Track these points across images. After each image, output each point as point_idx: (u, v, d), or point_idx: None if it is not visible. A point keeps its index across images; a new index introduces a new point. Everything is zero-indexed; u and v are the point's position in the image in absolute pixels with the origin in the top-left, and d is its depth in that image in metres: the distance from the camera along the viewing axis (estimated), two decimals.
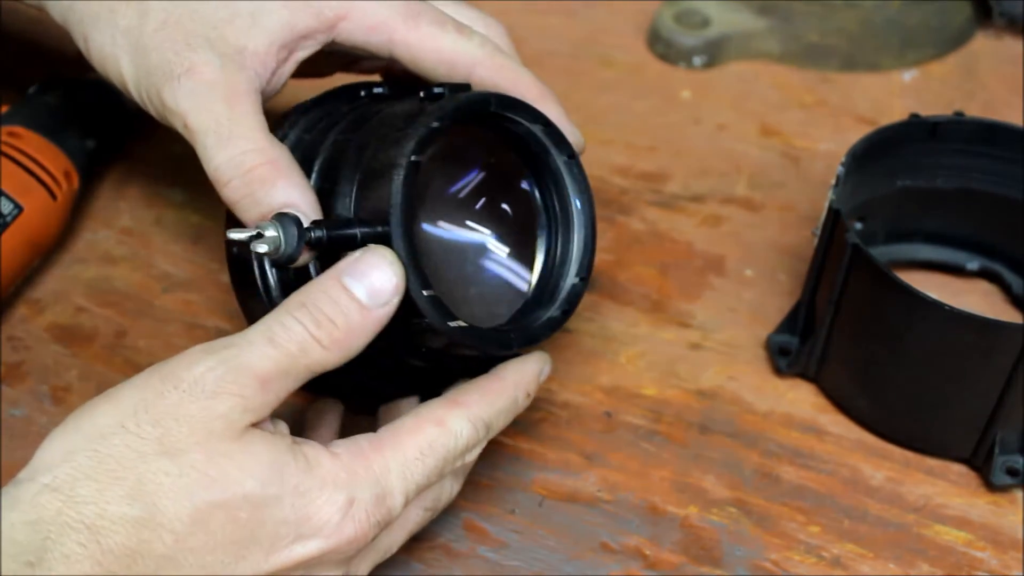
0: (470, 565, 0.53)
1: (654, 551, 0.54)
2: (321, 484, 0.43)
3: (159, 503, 0.40)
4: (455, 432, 0.47)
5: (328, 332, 0.44)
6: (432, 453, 0.46)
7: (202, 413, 0.41)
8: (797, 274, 0.66)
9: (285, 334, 0.43)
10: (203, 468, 0.41)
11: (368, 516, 0.44)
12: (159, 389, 0.42)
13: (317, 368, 0.44)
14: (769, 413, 0.60)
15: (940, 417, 0.57)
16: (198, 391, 0.42)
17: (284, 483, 0.42)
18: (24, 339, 0.61)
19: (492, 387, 0.49)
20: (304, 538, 0.43)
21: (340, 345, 0.44)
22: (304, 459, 0.43)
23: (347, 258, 0.45)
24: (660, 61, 0.81)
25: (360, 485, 0.44)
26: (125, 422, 0.41)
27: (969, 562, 0.55)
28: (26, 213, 0.60)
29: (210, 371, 0.42)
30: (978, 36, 0.84)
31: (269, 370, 0.43)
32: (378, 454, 0.45)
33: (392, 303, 0.45)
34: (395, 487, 0.45)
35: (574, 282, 0.52)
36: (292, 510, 0.43)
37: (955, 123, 0.61)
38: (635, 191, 0.72)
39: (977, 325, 0.53)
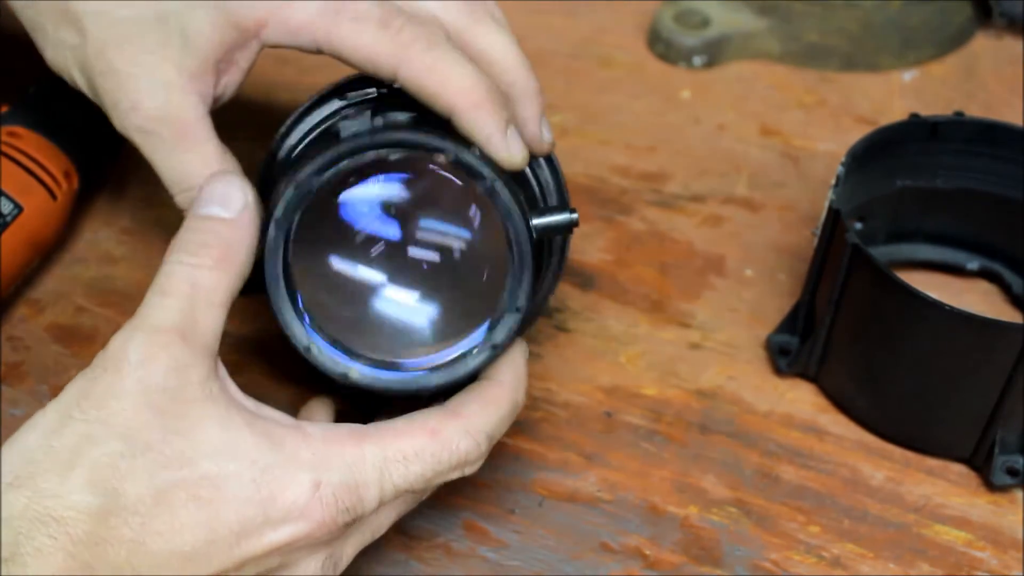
0: (470, 565, 0.53)
1: (654, 551, 0.54)
2: (285, 461, 0.43)
3: (119, 487, 0.40)
4: (450, 444, 0.46)
5: (206, 253, 0.44)
6: (418, 460, 0.45)
7: (137, 386, 0.42)
8: (797, 274, 0.66)
9: (170, 280, 0.44)
10: (157, 447, 0.41)
11: (336, 500, 0.43)
12: (91, 375, 0.42)
13: (220, 293, 0.44)
14: (769, 413, 0.60)
15: (940, 417, 0.58)
16: (124, 365, 0.42)
17: (240, 458, 0.42)
18: (24, 339, 0.61)
19: (493, 395, 0.48)
20: (274, 522, 0.42)
21: (225, 261, 0.45)
22: (266, 434, 0.43)
23: (195, 198, 0.47)
24: (660, 61, 0.81)
25: (329, 468, 0.43)
26: (71, 411, 0.41)
27: (969, 562, 0.55)
28: (26, 213, 0.60)
29: (126, 342, 0.42)
30: (978, 36, 0.84)
31: (177, 320, 0.43)
32: (355, 443, 0.44)
33: (249, 202, 0.46)
34: (370, 480, 0.44)
35: (508, 313, 0.48)
36: (255, 487, 0.42)
37: (955, 123, 0.61)
38: (635, 191, 0.72)
39: (977, 325, 0.53)
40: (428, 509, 0.55)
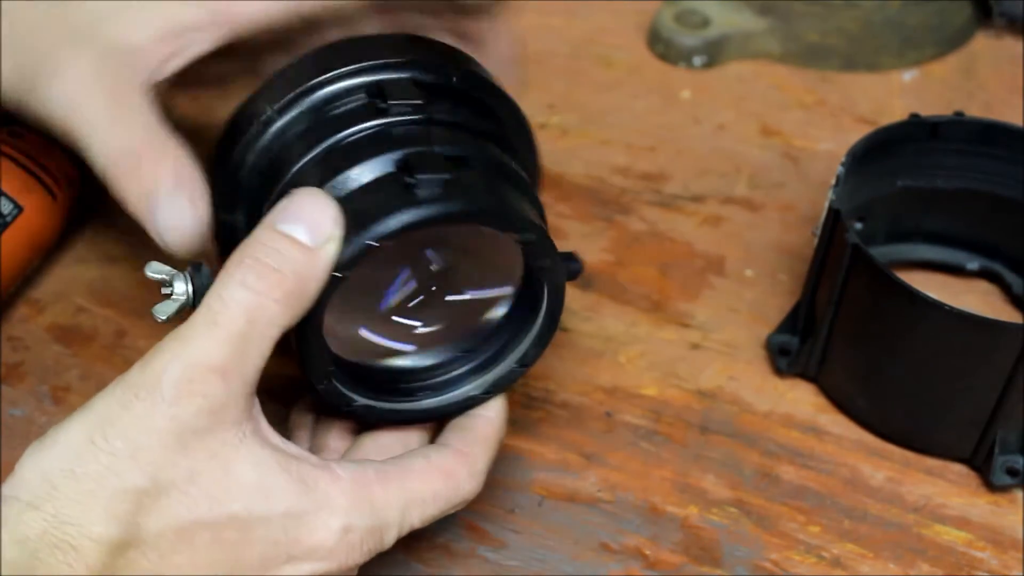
0: (470, 565, 0.53)
1: (654, 551, 0.54)
2: (318, 507, 0.42)
3: (141, 522, 0.40)
4: (459, 486, 0.46)
5: (277, 283, 0.41)
6: (434, 503, 0.45)
7: (168, 423, 0.40)
8: (797, 274, 0.66)
9: (227, 308, 0.40)
10: (182, 487, 0.40)
11: (362, 544, 0.43)
12: (122, 399, 0.40)
13: (276, 328, 0.41)
14: (769, 413, 0.60)
15: (940, 417, 0.57)
16: (158, 399, 0.40)
17: (273, 505, 0.41)
18: (24, 339, 0.61)
19: (487, 433, 0.48)
20: (296, 560, 0.42)
21: (293, 296, 0.41)
22: (299, 477, 0.42)
23: (276, 207, 0.42)
24: (660, 61, 0.81)
25: (359, 513, 0.43)
26: (94, 437, 0.40)
27: (969, 562, 0.55)
28: (26, 213, 0.60)
29: (163, 370, 0.40)
30: (978, 36, 0.84)
31: (222, 358, 0.40)
32: (383, 488, 0.44)
33: (336, 237, 0.42)
34: (392, 523, 0.44)
35: (513, 367, 0.49)
36: (283, 532, 0.42)
37: (955, 123, 0.61)
38: (635, 191, 0.72)
39: (977, 325, 0.53)
40: None
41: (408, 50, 0.49)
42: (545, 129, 0.75)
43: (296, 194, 0.42)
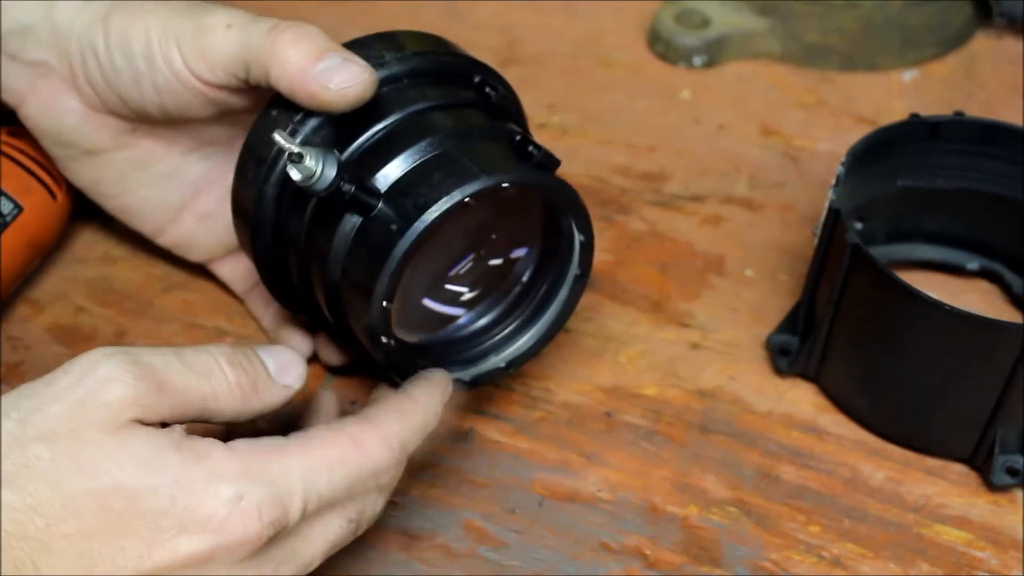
0: (470, 565, 0.53)
1: (654, 551, 0.54)
2: (207, 476, 0.42)
3: (30, 486, 0.40)
4: (368, 451, 0.46)
5: (241, 381, 0.45)
6: (341, 468, 0.45)
7: (85, 398, 0.41)
8: (797, 274, 0.66)
9: (202, 368, 0.44)
10: (74, 455, 0.41)
11: (260, 514, 0.43)
12: (52, 377, 0.42)
13: (211, 412, 0.45)
14: (769, 413, 0.60)
15: (940, 417, 0.58)
16: (88, 375, 0.42)
17: (161, 475, 0.42)
18: (24, 339, 0.61)
19: (404, 406, 0.48)
20: (188, 532, 0.42)
21: (249, 398, 0.45)
22: (192, 452, 0.43)
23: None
24: (660, 61, 0.81)
25: (252, 480, 0.43)
26: (7, 409, 0.41)
27: (969, 562, 0.55)
28: (26, 213, 0.60)
29: (107, 358, 0.42)
30: (978, 36, 0.84)
31: (171, 379, 0.43)
32: (279, 455, 0.44)
33: (296, 390, 0.47)
34: (294, 490, 0.44)
35: (498, 370, 0.55)
36: (171, 501, 0.42)
37: (955, 123, 0.61)
38: (635, 191, 0.72)
39: (977, 325, 0.53)
40: (428, 509, 0.55)
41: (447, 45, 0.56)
42: (545, 129, 0.75)
43: (284, 351, 0.49)
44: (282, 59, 0.50)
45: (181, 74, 0.52)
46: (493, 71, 0.55)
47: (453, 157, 0.49)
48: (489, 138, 0.51)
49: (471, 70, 0.54)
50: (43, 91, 0.56)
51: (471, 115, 0.52)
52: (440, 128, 0.50)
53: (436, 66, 0.53)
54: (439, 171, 0.48)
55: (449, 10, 0.83)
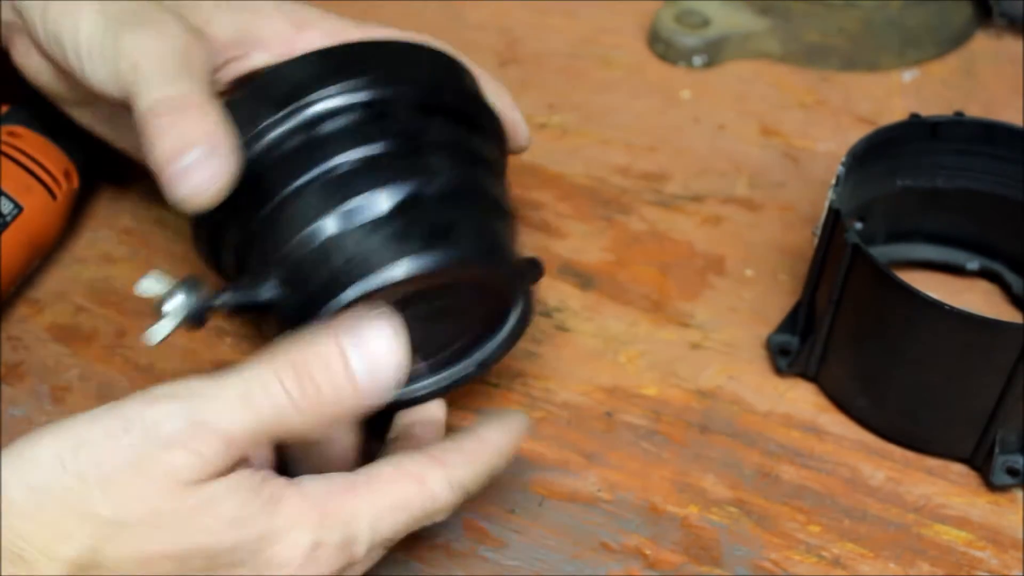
0: (470, 565, 0.53)
1: (654, 551, 0.54)
2: (287, 525, 0.42)
3: (102, 548, 0.39)
4: (433, 493, 0.45)
5: (313, 402, 0.41)
6: (405, 510, 0.44)
7: (150, 463, 0.39)
8: (797, 274, 0.66)
9: (264, 398, 0.41)
10: (151, 522, 0.39)
11: (330, 561, 0.43)
12: (109, 427, 0.39)
13: (291, 434, 0.42)
14: (769, 413, 0.60)
15: (940, 417, 0.57)
16: (151, 438, 0.39)
17: (245, 532, 0.41)
18: (24, 339, 0.61)
19: (474, 449, 0.47)
20: (270, 569, 0.42)
21: (321, 420, 0.42)
22: (270, 497, 0.41)
23: (351, 320, 0.42)
24: (660, 61, 0.81)
25: (328, 528, 0.42)
26: (63, 457, 0.39)
27: (969, 562, 0.55)
28: (26, 213, 0.60)
29: (168, 419, 0.39)
30: (978, 36, 0.84)
31: (237, 432, 0.40)
32: (351, 498, 0.43)
33: (391, 393, 0.42)
34: (362, 535, 0.43)
35: (472, 368, 0.52)
36: (251, 555, 0.41)
37: (955, 123, 0.61)
38: (635, 191, 0.72)
39: (977, 325, 0.53)
40: None
41: (405, 63, 0.49)
42: (545, 129, 0.75)
43: (377, 325, 0.42)
44: (149, 146, 0.47)
45: (96, 86, 0.50)
46: (393, 99, 0.48)
47: (337, 248, 0.45)
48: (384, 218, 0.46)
49: (372, 98, 0.48)
50: (19, 46, 0.55)
51: (352, 181, 0.46)
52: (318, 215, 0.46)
53: (315, 117, 0.47)
54: (325, 266, 0.45)
55: (449, 10, 0.83)
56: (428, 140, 0.48)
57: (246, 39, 0.52)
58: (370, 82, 0.48)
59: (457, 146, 0.49)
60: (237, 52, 0.52)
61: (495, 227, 0.48)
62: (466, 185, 0.48)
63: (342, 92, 0.47)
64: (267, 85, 0.48)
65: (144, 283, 0.45)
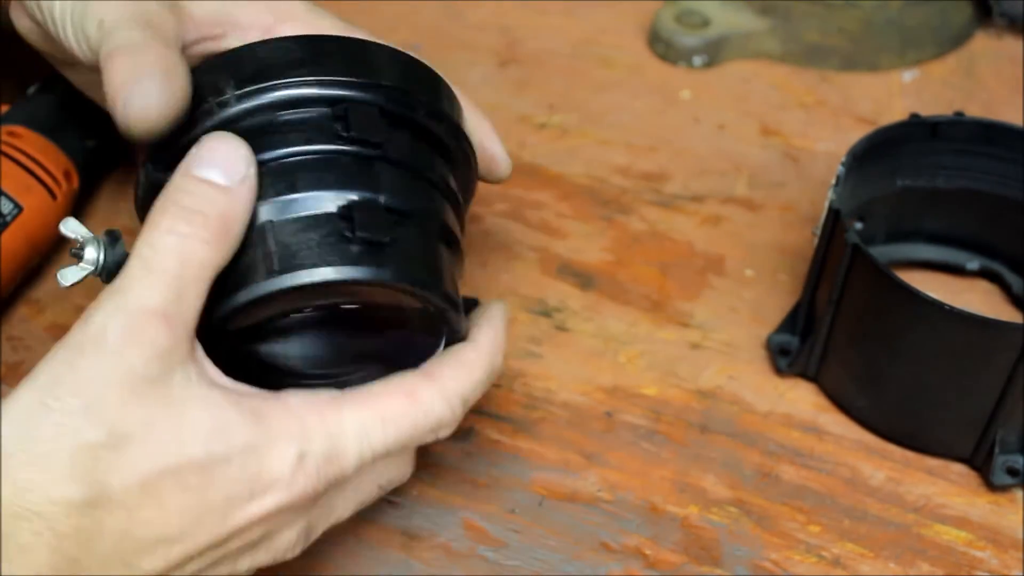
0: (470, 565, 0.53)
1: (654, 551, 0.54)
2: (270, 437, 0.42)
3: (103, 479, 0.39)
4: (426, 407, 0.45)
5: (202, 224, 0.42)
6: (395, 423, 0.44)
7: (119, 374, 0.40)
8: (797, 274, 0.66)
9: (157, 253, 0.41)
10: (141, 436, 0.40)
11: (318, 471, 0.43)
12: (67, 358, 0.41)
13: (209, 269, 0.42)
14: (769, 413, 0.60)
15: (940, 417, 0.58)
16: (105, 351, 0.40)
17: (230, 442, 0.41)
18: (24, 339, 0.61)
19: (469, 358, 0.47)
20: (258, 495, 0.42)
21: (219, 235, 0.42)
22: (251, 411, 0.42)
23: (189, 153, 0.43)
24: (660, 61, 0.81)
25: (312, 438, 0.43)
26: (45, 399, 0.40)
27: (969, 562, 0.55)
28: (26, 213, 0.60)
29: (106, 322, 0.41)
30: (978, 36, 0.84)
31: (162, 301, 0.41)
32: (335, 410, 0.44)
33: (251, 174, 0.43)
34: (349, 447, 0.44)
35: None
36: (242, 468, 0.42)
37: (955, 123, 0.61)
38: (635, 191, 0.72)
39: (977, 325, 0.53)
40: (428, 509, 0.55)
41: (383, 69, 0.48)
42: (545, 129, 0.75)
43: (207, 139, 0.43)
44: (105, 82, 0.46)
45: (73, 50, 0.50)
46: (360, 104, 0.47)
47: (270, 233, 0.44)
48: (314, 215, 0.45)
49: (337, 95, 0.46)
50: (15, 8, 0.55)
51: (302, 173, 0.45)
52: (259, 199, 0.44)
53: (280, 102, 0.46)
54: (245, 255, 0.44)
55: (449, 10, 0.83)
56: (389, 152, 0.46)
57: (224, 20, 0.52)
58: (344, 80, 0.46)
59: (418, 165, 0.47)
60: (213, 32, 0.52)
61: (435, 255, 0.47)
62: (415, 206, 0.46)
63: (314, 83, 0.46)
64: (239, 60, 0.47)
65: (71, 223, 0.45)
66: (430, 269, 0.46)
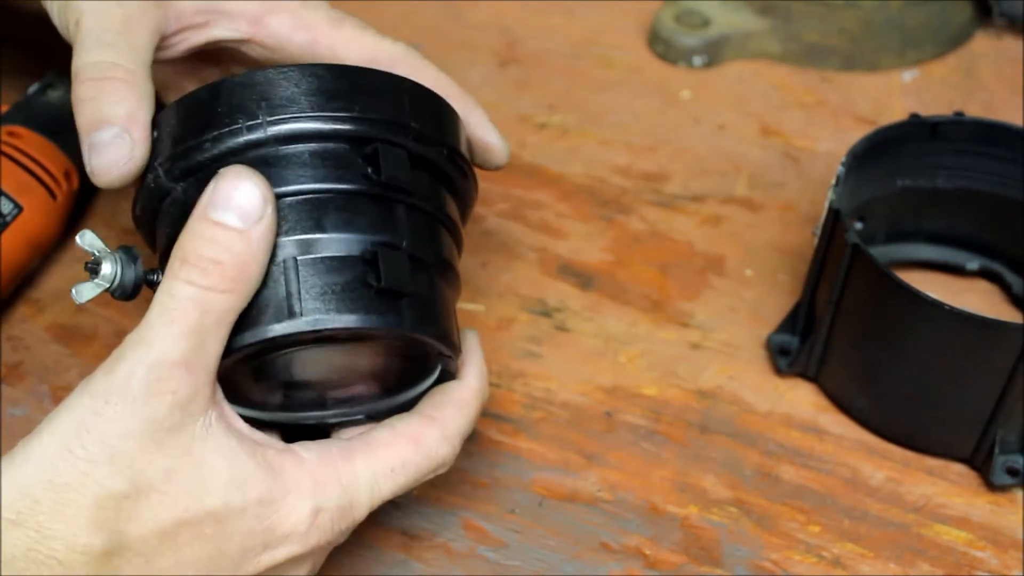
0: (470, 565, 0.53)
1: (654, 551, 0.54)
2: (285, 492, 0.43)
3: (123, 528, 0.40)
4: (430, 451, 0.46)
5: (219, 274, 0.42)
6: (404, 471, 0.46)
7: (142, 424, 0.40)
8: (797, 274, 0.66)
9: (178, 304, 0.41)
10: (161, 487, 0.41)
11: (333, 525, 0.44)
12: (91, 406, 0.41)
13: (228, 316, 0.42)
14: (769, 413, 0.60)
15: (940, 417, 0.58)
16: (128, 400, 0.40)
17: (247, 494, 0.42)
18: (24, 339, 0.61)
19: (464, 398, 0.48)
20: (272, 546, 0.43)
21: (237, 281, 0.42)
22: (266, 464, 0.43)
23: (206, 191, 0.43)
24: (660, 61, 0.81)
25: (326, 494, 0.44)
26: (71, 446, 0.40)
27: (969, 562, 0.55)
28: (26, 213, 0.60)
29: (131, 376, 0.41)
30: (978, 36, 0.84)
31: (183, 352, 0.41)
32: (348, 463, 0.44)
33: (268, 213, 0.42)
34: (361, 499, 0.45)
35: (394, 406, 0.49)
36: (257, 520, 0.42)
37: (955, 123, 0.61)
38: (635, 191, 0.72)
39: (977, 325, 0.53)
40: (428, 509, 0.55)
41: (411, 108, 0.48)
42: (545, 129, 0.75)
43: (222, 177, 0.43)
44: (74, 107, 0.47)
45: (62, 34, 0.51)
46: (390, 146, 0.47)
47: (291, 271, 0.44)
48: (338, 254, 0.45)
49: (370, 134, 0.46)
50: None
51: (329, 213, 0.45)
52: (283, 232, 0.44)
53: (311, 134, 0.46)
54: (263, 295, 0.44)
55: (449, 10, 0.83)
56: (412, 194, 0.47)
57: (210, 8, 0.52)
58: (376, 119, 0.46)
59: (435, 209, 0.48)
60: (198, 20, 0.52)
61: (446, 303, 0.48)
62: (433, 256, 0.47)
63: (347, 119, 0.46)
64: (271, 83, 0.46)
65: (88, 236, 0.45)
66: (443, 319, 0.47)
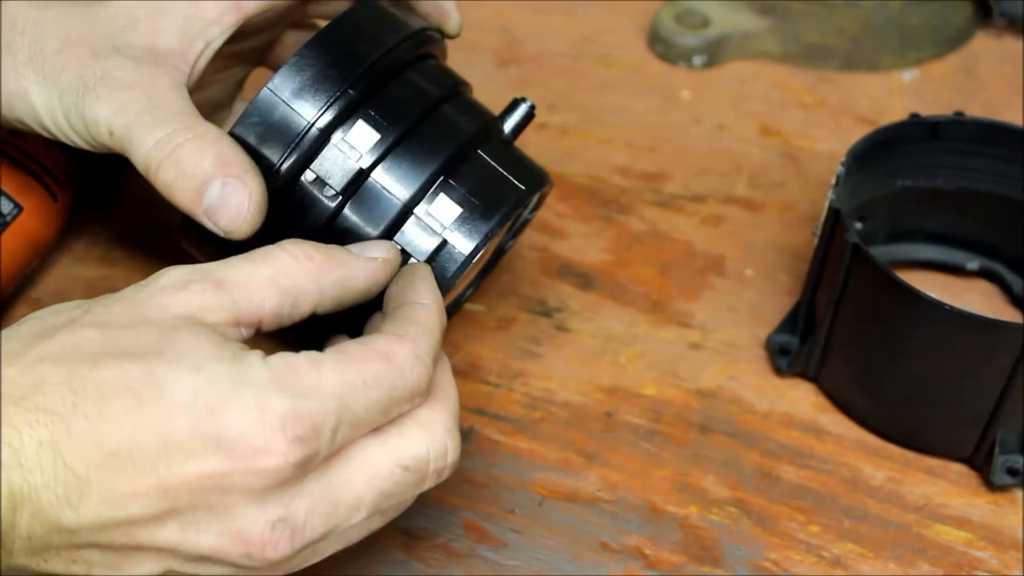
0: (470, 565, 0.53)
1: (654, 551, 0.54)
2: (234, 378, 0.40)
3: (70, 362, 0.40)
4: (404, 369, 0.42)
5: (315, 260, 0.44)
6: (377, 386, 0.42)
7: (145, 298, 0.42)
8: (797, 274, 0.66)
9: (260, 251, 0.44)
10: (121, 342, 0.41)
11: (284, 427, 0.39)
12: (124, 290, 0.44)
13: (282, 283, 0.43)
14: (769, 413, 0.60)
15: (940, 417, 0.58)
16: (151, 283, 0.43)
17: (195, 366, 0.40)
18: None
19: (425, 317, 0.45)
20: (204, 441, 0.39)
21: (320, 269, 0.44)
22: (230, 354, 0.41)
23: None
24: (660, 61, 0.81)
25: (279, 392, 0.39)
26: (75, 306, 0.43)
27: (969, 562, 0.55)
28: (26, 213, 0.60)
29: (170, 271, 0.43)
30: (978, 36, 0.84)
31: (229, 274, 0.43)
32: (313, 368, 0.41)
33: (380, 259, 0.47)
34: (327, 407, 0.40)
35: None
36: (193, 397, 0.39)
37: (955, 123, 0.61)
38: (635, 191, 0.72)
39: (977, 325, 0.53)
40: (428, 509, 0.55)
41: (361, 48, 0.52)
42: (545, 129, 0.75)
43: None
44: (169, 196, 0.48)
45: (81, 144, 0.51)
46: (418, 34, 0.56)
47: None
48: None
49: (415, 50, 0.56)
50: None
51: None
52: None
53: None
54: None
55: None
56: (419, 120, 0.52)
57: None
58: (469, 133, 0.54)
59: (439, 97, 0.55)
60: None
61: (503, 156, 0.54)
62: (462, 135, 0.53)
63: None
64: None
65: None
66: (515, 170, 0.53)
